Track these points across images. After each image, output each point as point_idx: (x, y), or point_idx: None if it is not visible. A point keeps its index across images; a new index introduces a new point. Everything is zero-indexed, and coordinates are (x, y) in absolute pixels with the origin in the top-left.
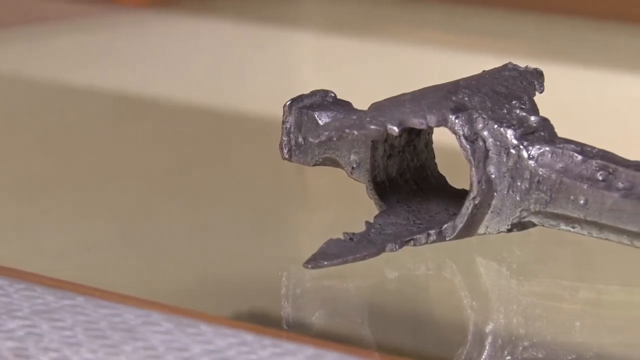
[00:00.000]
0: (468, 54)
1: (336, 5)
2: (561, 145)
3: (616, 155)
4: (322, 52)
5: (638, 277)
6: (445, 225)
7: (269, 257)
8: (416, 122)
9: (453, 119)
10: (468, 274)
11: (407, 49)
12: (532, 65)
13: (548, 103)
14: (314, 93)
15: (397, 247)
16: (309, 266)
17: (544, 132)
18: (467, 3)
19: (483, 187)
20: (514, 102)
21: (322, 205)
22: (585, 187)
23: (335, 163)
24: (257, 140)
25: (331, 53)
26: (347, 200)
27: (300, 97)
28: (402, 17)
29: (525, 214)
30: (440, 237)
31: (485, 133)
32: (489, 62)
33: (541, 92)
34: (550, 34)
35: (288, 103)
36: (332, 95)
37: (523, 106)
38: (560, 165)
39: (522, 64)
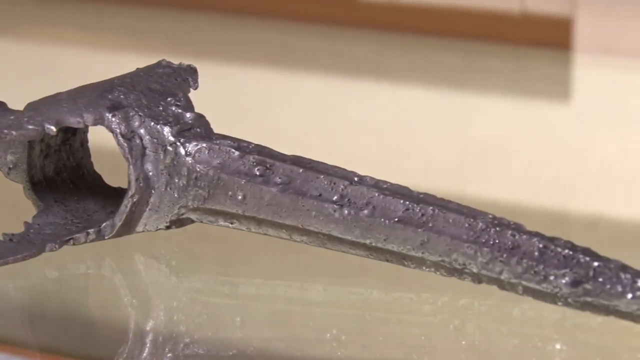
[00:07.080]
0: (111, 53)
1: None
2: (218, 142)
3: (273, 150)
4: None
5: (294, 271)
6: (104, 224)
7: None
8: (73, 121)
9: (110, 117)
10: (128, 272)
11: (47, 48)
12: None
13: (203, 99)
14: None
15: (57, 246)
16: None
17: (200, 129)
18: (103, 2)
19: (141, 184)
20: (169, 99)
21: None
22: (243, 183)
23: None
24: None
25: None
26: (4, 202)
27: None
28: (38, 16)
29: (183, 210)
30: (100, 235)
31: (142, 131)
32: (133, 61)
33: (195, 89)
34: (190, 31)
35: None
36: None
37: (178, 103)
38: (218, 162)
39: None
